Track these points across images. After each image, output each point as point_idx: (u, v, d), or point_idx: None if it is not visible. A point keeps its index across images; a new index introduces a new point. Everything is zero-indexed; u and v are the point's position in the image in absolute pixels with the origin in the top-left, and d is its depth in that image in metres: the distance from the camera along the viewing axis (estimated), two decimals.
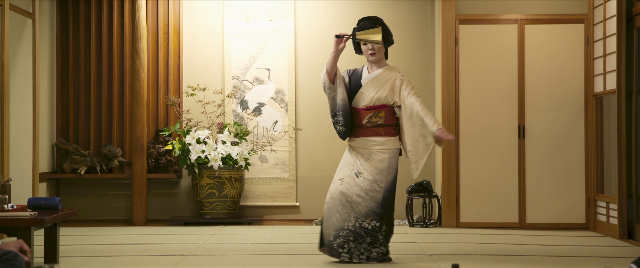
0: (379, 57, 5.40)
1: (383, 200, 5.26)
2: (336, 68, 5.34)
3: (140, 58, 7.98)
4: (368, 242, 5.25)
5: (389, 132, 5.34)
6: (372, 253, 5.26)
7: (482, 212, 7.53)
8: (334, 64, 5.31)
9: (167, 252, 5.88)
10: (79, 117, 8.19)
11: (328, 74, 5.33)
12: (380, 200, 5.26)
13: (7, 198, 4.99)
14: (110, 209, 8.26)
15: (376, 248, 5.27)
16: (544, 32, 7.55)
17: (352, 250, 5.25)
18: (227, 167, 7.76)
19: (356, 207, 5.25)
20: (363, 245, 5.24)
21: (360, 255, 5.25)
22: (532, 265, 5.32)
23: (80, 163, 8.01)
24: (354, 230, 5.24)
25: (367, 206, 5.24)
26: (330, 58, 5.28)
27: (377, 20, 5.35)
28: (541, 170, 7.50)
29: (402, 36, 8.28)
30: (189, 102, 8.22)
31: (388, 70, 5.40)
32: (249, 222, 7.82)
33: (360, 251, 5.25)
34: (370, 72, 5.42)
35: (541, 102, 7.52)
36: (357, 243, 5.24)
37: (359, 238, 5.24)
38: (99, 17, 8.21)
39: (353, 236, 5.24)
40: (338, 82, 5.35)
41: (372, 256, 5.27)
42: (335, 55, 5.28)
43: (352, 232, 5.24)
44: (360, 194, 5.25)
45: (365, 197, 5.25)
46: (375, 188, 5.26)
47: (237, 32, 8.26)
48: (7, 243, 3.51)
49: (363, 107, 5.35)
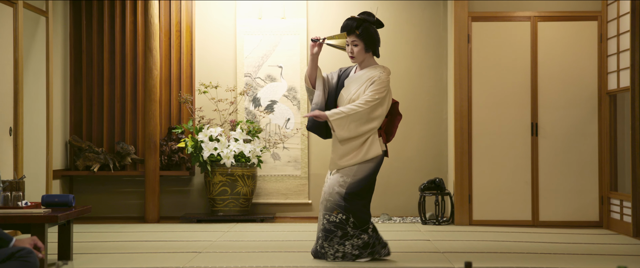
0: (360, 60, 5.29)
1: (345, 193, 5.13)
2: (317, 70, 5.29)
3: (152, 56, 8.00)
4: (339, 235, 5.14)
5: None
6: (346, 247, 5.14)
7: (495, 210, 7.52)
8: (313, 68, 5.27)
9: (180, 249, 5.90)
10: (92, 114, 8.23)
11: (308, 77, 5.31)
12: (343, 193, 5.14)
13: (21, 195, 5.02)
14: (123, 206, 8.29)
15: (349, 241, 5.14)
16: (557, 29, 7.52)
17: (326, 249, 5.18)
18: (240, 165, 7.77)
19: (324, 203, 5.20)
20: (335, 240, 5.14)
21: (335, 253, 5.15)
22: (545, 263, 5.30)
23: (93, 161, 8.04)
24: (323, 227, 5.18)
25: (331, 200, 5.16)
26: (309, 62, 5.28)
27: (359, 24, 5.23)
28: (554, 167, 7.48)
29: (414, 34, 8.26)
30: (201, 99, 8.23)
31: (370, 69, 5.29)
32: (261, 220, 7.83)
33: (334, 248, 5.15)
34: (356, 72, 5.36)
35: (554, 99, 7.50)
36: (329, 241, 5.15)
37: (330, 234, 5.15)
38: (111, 14, 8.24)
39: (323, 234, 5.17)
40: (318, 84, 5.29)
41: (347, 250, 5.14)
42: (312, 59, 5.24)
43: (322, 230, 5.19)
44: (329, 190, 5.19)
45: (331, 192, 5.17)
46: (340, 183, 5.16)
47: (249, 30, 8.27)
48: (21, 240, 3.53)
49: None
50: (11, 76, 6.56)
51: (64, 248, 5.18)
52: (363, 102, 5.14)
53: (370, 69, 5.30)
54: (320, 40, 5.23)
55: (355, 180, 5.18)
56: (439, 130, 8.24)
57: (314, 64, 5.27)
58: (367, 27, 5.25)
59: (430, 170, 8.21)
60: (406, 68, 8.27)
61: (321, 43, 5.23)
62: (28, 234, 5.25)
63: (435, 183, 7.72)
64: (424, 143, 8.26)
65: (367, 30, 5.24)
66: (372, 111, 5.17)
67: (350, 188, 5.17)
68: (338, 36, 5.25)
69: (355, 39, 5.25)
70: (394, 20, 8.28)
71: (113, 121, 8.23)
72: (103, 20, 8.22)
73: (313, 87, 5.32)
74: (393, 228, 7.27)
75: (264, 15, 8.27)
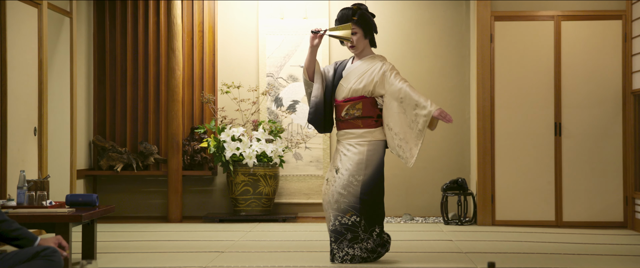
0: (360, 49, 5.23)
1: (361, 193, 5.06)
2: (315, 63, 5.23)
3: (175, 56, 8.04)
4: (349, 238, 5.07)
5: (367, 124, 5.14)
6: (356, 250, 5.07)
7: (518, 210, 7.48)
8: (311, 60, 5.21)
9: (203, 248, 5.92)
10: (115, 114, 8.27)
11: (306, 70, 5.25)
12: (359, 193, 5.07)
13: (46, 195, 5.05)
14: (146, 206, 8.33)
15: (358, 244, 5.08)
16: (581, 28, 7.47)
17: (334, 252, 5.10)
18: (262, 165, 7.79)
19: (336, 205, 5.09)
20: (344, 243, 5.07)
21: (344, 256, 5.07)
22: (569, 264, 5.27)
23: (116, 161, 8.09)
24: (334, 229, 5.08)
25: (346, 201, 5.07)
26: (307, 54, 5.21)
27: (355, 11, 5.18)
28: (578, 167, 7.43)
29: (437, 34, 8.24)
30: (223, 99, 8.26)
31: (369, 59, 5.22)
32: (283, 219, 7.84)
33: (343, 251, 5.07)
34: (353, 63, 5.28)
35: (578, 99, 7.45)
36: (338, 243, 5.07)
37: (340, 236, 5.07)
38: (135, 15, 8.29)
39: (333, 236, 5.09)
40: (316, 77, 5.23)
41: (356, 253, 5.08)
42: (311, 51, 5.17)
43: (332, 232, 5.10)
44: (340, 191, 5.09)
45: (345, 193, 5.08)
46: (352, 183, 5.08)
47: (271, 30, 8.28)
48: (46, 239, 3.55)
49: (341, 99, 5.21)
50: (36, 76, 6.61)
51: (87, 248, 5.21)
52: (407, 85, 5.11)
53: (368, 59, 5.23)
54: (321, 32, 5.16)
55: (367, 176, 5.10)
56: (462, 129, 8.21)
57: (313, 56, 5.20)
58: (363, 13, 5.19)
59: (453, 170, 8.19)
60: (428, 68, 8.25)
61: (322, 35, 5.16)
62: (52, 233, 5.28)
63: (457, 183, 7.69)
64: (446, 143, 8.24)
65: (364, 16, 5.19)
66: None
67: (365, 186, 5.10)
68: (342, 27, 5.20)
69: (353, 27, 5.19)
70: (416, 20, 8.26)
71: (136, 121, 8.28)
72: (126, 20, 8.27)
73: (311, 79, 5.27)
74: (415, 229, 7.25)
75: (286, 16, 8.28)
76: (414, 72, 8.25)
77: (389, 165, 8.25)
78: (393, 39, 8.27)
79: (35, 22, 6.60)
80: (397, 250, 5.82)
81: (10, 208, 4.93)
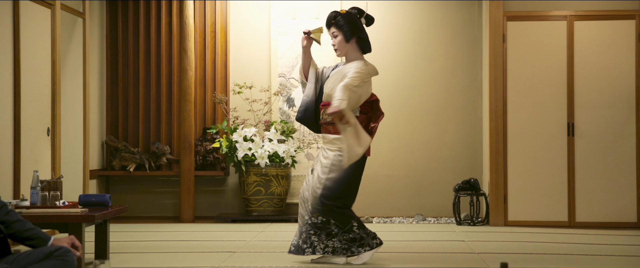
0: (342, 52, 5.20)
1: (321, 196, 5.05)
2: (310, 64, 5.27)
3: (187, 56, 8.05)
4: (325, 234, 5.09)
5: (338, 131, 5.08)
6: (335, 242, 5.08)
7: (531, 211, 7.46)
8: (305, 60, 5.27)
9: (215, 248, 5.93)
10: (128, 114, 8.30)
11: (301, 70, 5.31)
12: (318, 196, 5.07)
13: (59, 195, 5.08)
14: (158, 206, 8.36)
15: (336, 237, 5.08)
16: (594, 28, 7.44)
17: (314, 244, 5.10)
18: (274, 165, 7.79)
19: (305, 204, 5.15)
20: (322, 236, 5.09)
21: (325, 248, 5.09)
22: (582, 264, 5.25)
23: (129, 161, 8.11)
24: (312, 223, 5.11)
25: (312, 203, 5.10)
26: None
27: (334, 15, 5.18)
28: (591, 168, 7.40)
29: (449, 34, 8.23)
30: (235, 99, 8.27)
31: (349, 64, 5.20)
32: (295, 220, 7.84)
33: (323, 243, 5.09)
34: (338, 66, 5.32)
35: (591, 99, 7.42)
36: (318, 236, 5.10)
37: (318, 230, 5.10)
38: (147, 16, 8.31)
39: (313, 229, 5.10)
40: (310, 77, 5.27)
41: (337, 245, 5.08)
42: (303, 51, 5.25)
43: (311, 225, 5.11)
44: (310, 191, 5.13)
45: (312, 194, 5.11)
46: (317, 185, 5.09)
47: (283, 30, 8.29)
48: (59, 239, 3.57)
49: (322, 102, 5.24)
50: (49, 77, 6.64)
51: (100, 248, 5.23)
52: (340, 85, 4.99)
53: (349, 63, 5.21)
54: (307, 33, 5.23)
55: (330, 182, 5.07)
56: (474, 130, 8.19)
57: (305, 56, 5.26)
58: (342, 17, 5.17)
59: (465, 171, 8.17)
60: (441, 68, 8.24)
61: (306, 36, 5.23)
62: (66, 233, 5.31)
63: (470, 183, 7.68)
64: (459, 144, 8.22)
65: (341, 21, 5.16)
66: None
67: (327, 190, 5.07)
68: (315, 30, 5.24)
69: (334, 30, 5.20)
70: (428, 20, 8.25)
71: (149, 121, 8.30)
72: (139, 21, 8.29)
73: (306, 79, 5.31)
74: (427, 229, 7.24)
75: (298, 16, 8.28)
76: (426, 73, 8.24)
77: (400, 165, 8.26)
78: (405, 39, 8.26)
79: (49, 22, 6.63)
80: (409, 251, 5.81)
81: (23, 208, 4.96)
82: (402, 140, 8.25)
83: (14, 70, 6.05)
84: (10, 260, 3.37)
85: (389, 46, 8.28)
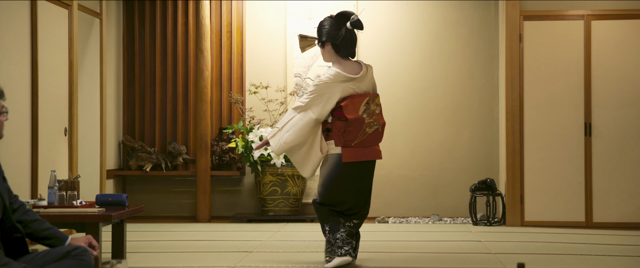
0: (324, 58, 5.29)
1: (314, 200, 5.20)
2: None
3: (204, 56, 8.07)
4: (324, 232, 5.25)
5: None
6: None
7: (548, 211, 7.42)
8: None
9: (231, 248, 5.94)
10: (144, 115, 8.33)
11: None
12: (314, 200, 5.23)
13: (76, 195, 5.10)
14: (174, 206, 8.38)
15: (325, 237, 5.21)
16: (612, 27, 7.40)
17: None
18: (290, 165, 7.80)
19: None
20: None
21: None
22: (599, 265, 5.22)
23: (145, 161, 8.14)
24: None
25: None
26: None
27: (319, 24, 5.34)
28: (609, 168, 7.36)
29: (465, 33, 8.21)
30: (251, 100, 8.28)
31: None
32: (311, 220, 7.84)
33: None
34: None
35: (609, 99, 7.37)
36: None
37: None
38: (164, 16, 8.34)
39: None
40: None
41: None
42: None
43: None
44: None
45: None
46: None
47: (299, 30, 8.29)
48: (76, 239, 3.58)
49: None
50: (66, 77, 6.67)
51: (117, 247, 5.25)
52: (291, 108, 5.17)
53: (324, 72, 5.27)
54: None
55: (319, 185, 5.17)
56: (490, 130, 8.17)
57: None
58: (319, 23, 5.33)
59: (481, 171, 8.14)
60: (457, 68, 8.22)
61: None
62: (83, 233, 5.34)
63: (486, 183, 7.65)
64: (475, 144, 8.20)
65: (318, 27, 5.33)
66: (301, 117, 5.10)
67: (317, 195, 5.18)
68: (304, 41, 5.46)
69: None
70: (445, 20, 8.23)
71: (165, 121, 8.33)
72: (155, 21, 8.32)
73: None
74: (444, 229, 7.23)
75: (314, 16, 8.28)
76: (442, 73, 8.22)
77: (416, 165, 8.24)
78: (421, 39, 8.24)
79: (66, 23, 6.67)
80: (425, 251, 5.80)
81: (41, 207, 4.98)
82: (418, 140, 8.23)
83: (31, 71, 6.09)
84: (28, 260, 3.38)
85: (405, 46, 8.26)
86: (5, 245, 3.41)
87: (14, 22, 5.84)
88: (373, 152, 5.14)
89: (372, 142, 5.13)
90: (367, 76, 5.19)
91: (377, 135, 5.14)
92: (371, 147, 5.13)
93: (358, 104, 5.08)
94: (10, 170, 5.57)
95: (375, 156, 5.15)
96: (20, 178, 5.90)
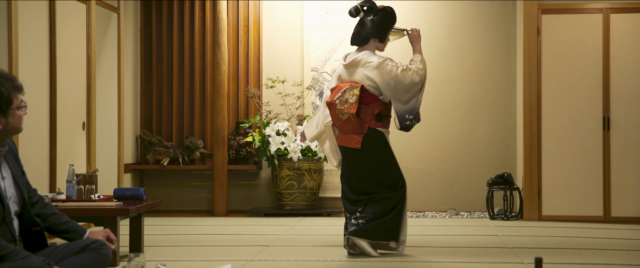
0: (381, 50, 5.68)
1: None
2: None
3: (221, 51, 8.09)
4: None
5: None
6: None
7: (565, 205, 7.39)
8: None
9: (248, 242, 5.95)
10: (162, 109, 8.36)
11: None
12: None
13: (94, 189, 5.13)
14: (192, 200, 8.41)
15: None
16: (630, 21, 7.34)
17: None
18: (307, 159, 7.80)
19: None
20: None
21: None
22: (617, 259, 5.19)
23: (163, 155, 8.17)
24: None
25: None
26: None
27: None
28: (627, 162, 7.31)
29: (483, 27, 8.17)
30: (268, 94, 8.29)
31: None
32: (328, 214, 7.85)
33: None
34: None
35: (627, 93, 7.33)
36: None
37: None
38: (181, 11, 8.35)
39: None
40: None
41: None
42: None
43: None
44: None
45: None
46: None
47: (316, 25, 8.29)
48: (94, 232, 3.60)
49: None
50: (84, 72, 6.71)
51: (135, 241, 5.27)
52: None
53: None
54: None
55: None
56: (508, 124, 8.13)
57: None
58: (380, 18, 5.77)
59: (499, 165, 8.12)
60: (474, 62, 8.19)
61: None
62: (101, 227, 5.36)
63: (503, 178, 7.63)
64: (492, 138, 8.17)
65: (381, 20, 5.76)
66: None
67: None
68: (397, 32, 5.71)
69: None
70: (462, 14, 8.20)
71: (182, 116, 8.35)
72: (172, 16, 8.35)
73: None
74: (461, 224, 7.21)
75: (331, 10, 8.28)
76: (459, 67, 8.20)
77: (433, 159, 8.23)
78: (439, 33, 8.22)
79: (84, 18, 6.69)
80: (442, 245, 5.79)
81: (59, 201, 5.02)
82: (435, 135, 8.21)
83: (50, 66, 6.12)
84: (47, 253, 3.41)
85: (422, 40, 8.22)
86: (24, 238, 3.43)
87: (32, 17, 5.87)
88: (350, 139, 5.29)
89: (349, 130, 5.28)
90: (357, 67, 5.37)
91: (352, 125, 5.25)
92: (348, 135, 5.29)
93: (337, 91, 5.34)
94: (29, 164, 5.61)
95: (351, 144, 5.28)
96: (39, 172, 5.94)
